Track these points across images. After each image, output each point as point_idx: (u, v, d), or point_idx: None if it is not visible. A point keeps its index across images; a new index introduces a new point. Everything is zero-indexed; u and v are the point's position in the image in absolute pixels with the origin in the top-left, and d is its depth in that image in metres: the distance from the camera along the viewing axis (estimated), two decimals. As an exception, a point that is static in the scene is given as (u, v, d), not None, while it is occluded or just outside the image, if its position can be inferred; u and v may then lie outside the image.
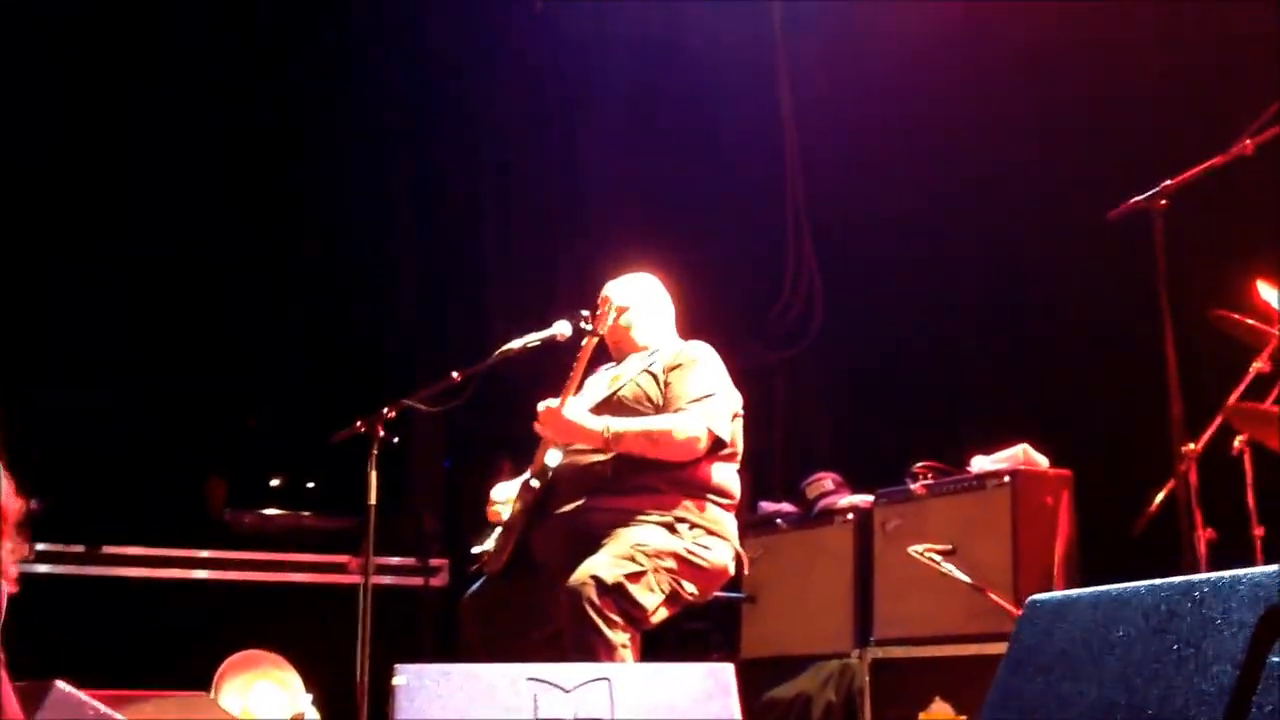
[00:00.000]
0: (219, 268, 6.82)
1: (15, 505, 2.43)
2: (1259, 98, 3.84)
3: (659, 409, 3.81)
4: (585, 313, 3.87)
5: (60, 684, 3.47)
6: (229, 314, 6.81)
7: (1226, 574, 1.69)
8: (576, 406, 3.80)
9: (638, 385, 3.87)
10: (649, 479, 3.73)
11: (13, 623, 2.68)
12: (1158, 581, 1.80)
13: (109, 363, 6.50)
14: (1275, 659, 1.58)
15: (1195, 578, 1.71)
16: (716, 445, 3.79)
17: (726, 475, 3.86)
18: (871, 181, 6.37)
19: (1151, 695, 1.71)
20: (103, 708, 3.51)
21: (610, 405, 3.87)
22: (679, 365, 3.87)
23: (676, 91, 7.09)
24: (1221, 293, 4.24)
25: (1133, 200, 3.81)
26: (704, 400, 3.79)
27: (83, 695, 3.52)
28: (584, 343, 3.84)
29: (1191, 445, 3.84)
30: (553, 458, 3.87)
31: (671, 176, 7.11)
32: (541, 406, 3.80)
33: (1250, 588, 1.66)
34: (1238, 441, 4.07)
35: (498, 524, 3.98)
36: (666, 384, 3.84)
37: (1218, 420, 4.01)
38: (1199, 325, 4.09)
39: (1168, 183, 3.77)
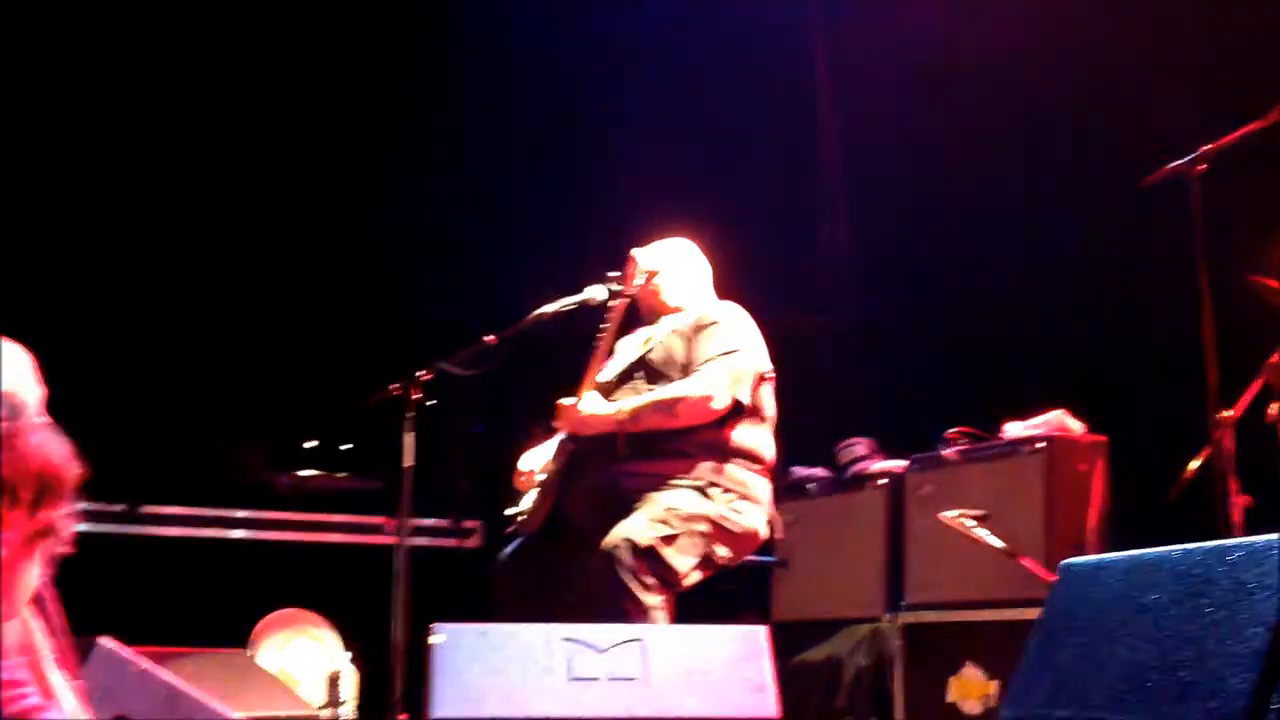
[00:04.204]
0: (261, 228, 6.85)
1: (75, 470, 2.44)
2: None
3: (685, 370, 3.82)
4: (614, 274, 3.88)
5: (104, 640, 3.53)
6: (269, 275, 6.84)
7: (1260, 538, 1.69)
8: (593, 399, 3.81)
9: (665, 347, 3.88)
10: (678, 444, 3.74)
11: (56, 581, 2.72)
12: (1191, 545, 1.81)
13: (149, 323, 6.53)
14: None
15: (1229, 542, 1.71)
16: (737, 405, 3.78)
17: (757, 439, 3.86)
18: (907, 144, 6.33)
19: (1184, 658, 1.72)
20: (145, 664, 3.57)
21: (640, 367, 3.89)
22: (704, 325, 3.88)
23: (713, 53, 7.06)
24: (1259, 258, 4.20)
25: (1171, 165, 3.79)
26: (720, 359, 3.77)
27: (126, 652, 3.58)
28: (613, 304, 3.85)
29: (1227, 411, 3.82)
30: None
31: (707, 140, 7.09)
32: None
33: (1285, 551, 1.66)
34: (1274, 408, 4.04)
35: (529, 490, 4.00)
36: (691, 345, 3.85)
37: (1255, 386, 3.97)
38: (1236, 291, 4.06)
39: (1206, 147, 3.74)
